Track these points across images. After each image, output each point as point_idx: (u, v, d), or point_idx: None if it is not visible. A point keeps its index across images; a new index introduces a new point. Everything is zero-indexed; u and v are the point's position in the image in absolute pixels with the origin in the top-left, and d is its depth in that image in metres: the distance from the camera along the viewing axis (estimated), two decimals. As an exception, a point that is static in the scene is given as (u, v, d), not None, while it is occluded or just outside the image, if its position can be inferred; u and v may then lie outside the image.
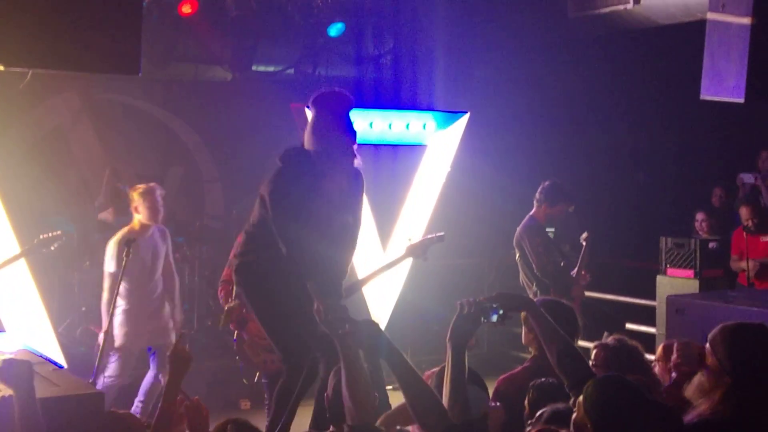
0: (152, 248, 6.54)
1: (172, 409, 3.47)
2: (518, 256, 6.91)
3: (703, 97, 5.04)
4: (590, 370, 3.29)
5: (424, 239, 6.02)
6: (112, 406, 5.53)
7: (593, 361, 4.18)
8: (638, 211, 11.11)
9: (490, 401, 3.71)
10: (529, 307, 3.43)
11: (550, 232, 7.47)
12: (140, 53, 4.82)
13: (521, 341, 4.47)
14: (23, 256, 6.51)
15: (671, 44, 9.26)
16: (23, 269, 6.91)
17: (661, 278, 7.92)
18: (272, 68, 9.58)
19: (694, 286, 7.63)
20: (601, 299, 8.36)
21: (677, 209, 10.22)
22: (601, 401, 2.75)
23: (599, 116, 10.81)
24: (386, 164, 8.67)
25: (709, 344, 3.09)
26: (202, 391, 6.54)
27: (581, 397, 2.81)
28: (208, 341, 8.70)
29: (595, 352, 4.26)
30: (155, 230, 6.60)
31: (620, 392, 2.79)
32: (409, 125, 8.50)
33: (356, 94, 9.51)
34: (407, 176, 8.79)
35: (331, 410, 3.64)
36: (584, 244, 6.95)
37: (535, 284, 6.77)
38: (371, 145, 8.29)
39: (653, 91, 10.79)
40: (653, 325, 7.65)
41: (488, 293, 8.50)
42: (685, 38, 7.75)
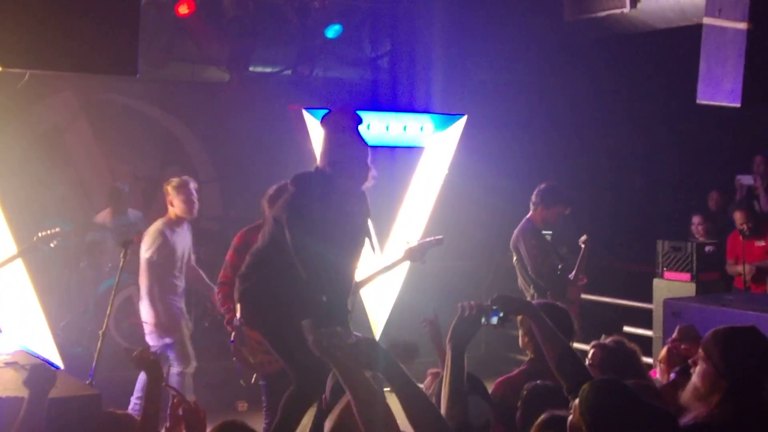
0: (186, 241, 6.62)
1: (156, 411, 3.49)
2: (515, 258, 6.91)
3: (699, 101, 5.05)
4: (589, 373, 3.30)
5: (422, 242, 6.02)
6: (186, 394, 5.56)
7: (590, 360, 4.19)
8: (635, 214, 11.13)
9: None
10: (529, 310, 3.45)
11: (548, 234, 7.47)
12: (138, 54, 4.83)
13: (519, 344, 4.48)
14: (22, 254, 6.51)
15: (668, 48, 9.28)
16: (20, 269, 6.90)
17: (658, 281, 7.93)
18: (269, 69, 9.59)
19: (690, 289, 7.63)
20: (598, 302, 8.37)
21: (674, 212, 10.23)
22: (596, 404, 2.76)
23: (596, 119, 10.82)
24: (383, 166, 8.62)
25: (702, 350, 3.09)
26: (199, 392, 6.55)
27: (577, 399, 2.81)
28: (205, 343, 8.69)
29: (592, 351, 4.27)
30: (186, 224, 6.68)
31: (616, 395, 2.79)
32: (406, 127, 8.51)
33: (353, 96, 9.62)
34: (405, 178, 8.79)
35: (328, 411, 3.64)
36: (583, 246, 6.96)
37: (532, 287, 6.77)
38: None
39: (650, 94, 10.81)
40: (650, 328, 7.66)
41: (486, 295, 8.52)
42: (682, 42, 7.76)
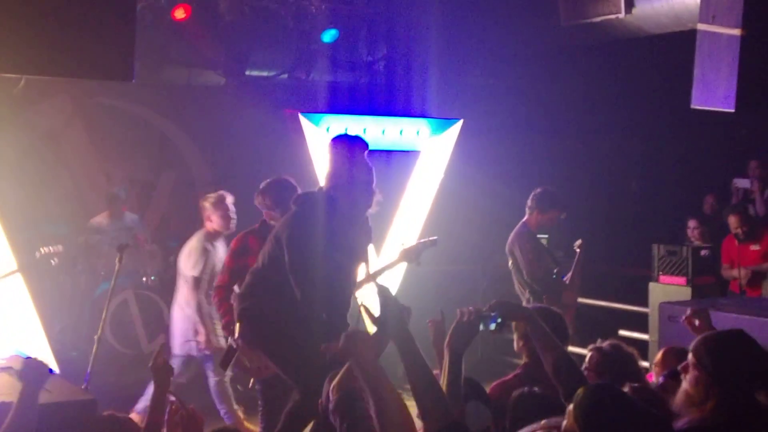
0: (222, 255, 6.68)
1: (160, 420, 3.48)
2: (510, 263, 6.92)
3: (693, 106, 5.08)
4: (585, 379, 3.31)
5: (417, 243, 6.01)
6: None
7: (587, 364, 4.20)
8: (631, 218, 11.14)
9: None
10: (527, 316, 3.47)
11: (543, 239, 7.48)
12: (133, 59, 4.83)
13: (513, 347, 4.49)
14: (22, 270, 6.53)
15: (663, 53, 9.30)
16: (15, 273, 6.88)
17: (653, 285, 7.94)
18: (266, 73, 9.59)
19: (686, 293, 7.65)
20: (594, 306, 8.37)
21: (669, 216, 10.24)
22: (590, 409, 2.76)
23: (592, 124, 10.84)
24: (379, 170, 8.61)
25: (692, 356, 3.10)
26: (195, 398, 6.54)
27: (571, 404, 2.82)
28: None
29: (589, 355, 4.27)
30: (222, 238, 6.81)
31: (610, 400, 2.79)
32: (402, 131, 8.52)
33: (349, 100, 9.63)
34: (401, 182, 8.80)
35: (324, 416, 3.65)
36: (578, 251, 6.97)
37: (527, 291, 6.78)
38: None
39: (645, 99, 10.82)
40: (646, 331, 7.67)
41: (482, 299, 8.59)
42: (677, 47, 7.79)
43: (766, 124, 9.59)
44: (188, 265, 6.72)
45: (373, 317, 3.19)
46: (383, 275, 6.28)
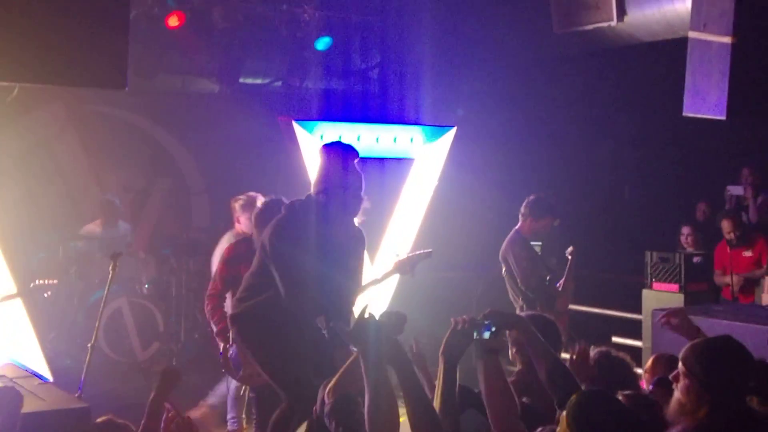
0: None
1: (156, 426, 3.48)
2: (504, 270, 6.93)
3: (685, 114, 5.10)
4: (579, 387, 3.32)
5: (411, 255, 6.00)
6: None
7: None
8: (624, 224, 11.17)
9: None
10: (521, 325, 3.48)
11: (537, 246, 7.49)
12: (127, 68, 4.83)
13: (508, 354, 4.49)
14: (18, 296, 6.53)
15: (656, 61, 9.34)
16: (7, 280, 6.87)
17: (646, 292, 7.96)
18: (259, 81, 9.60)
19: (679, 300, 7.66)
20: (587, 312, 8.39)
21: (663, 223, 10.27)
22: (582, 415, 2.77)
23: (585, 131, 10.88)
24: (373, 178, 8.64)
25: (682, 365, 3.10)
26: (189, 405, 6.53)
27: (564, 411, 2.83)
28: (194, 355, 8.68)
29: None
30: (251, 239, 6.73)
31: (602, 407, 2.81)
32: (396, 139, 8.52)
33: (343, 107, 9.65)
34: (394, 190, 8.79)
35: (318, 421, 3.66)
36: (569, 258, 6.98)
37: (521, 298, 6.78)
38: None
39: (638, 106, 10.86)
40: (639, 338, 7.68)
41: (477, 307, 8.60)
42: (669, 54, 7.82)
43: (758, 131, 9.63)
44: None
45: (344, 331, 3.21)
46: (377, 286, 6.30)
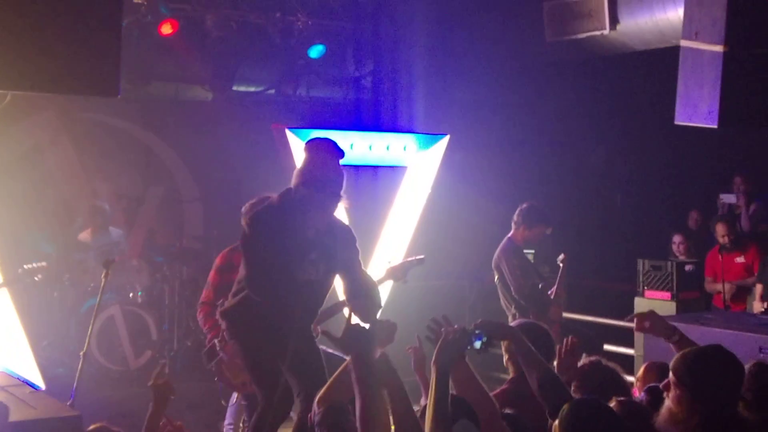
0: None
1: None
2: (497, 278, 6.93)
3: (677, 122, 5.12)
4: (570, 395, 3.32)
5: (404, 262, 6.01)
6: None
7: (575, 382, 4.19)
8: (616, 233, 11.20)
9: None
10: (512, 336, 3.49)
11: (529, 254, 7.49)
12: (119, 75, 4.81)
13: (501, 362, 4.49)
14: (5, 285, 6.48)
15: (648, 69, 9.38)
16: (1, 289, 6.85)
17: (638, 300, 7.97)
18: (253, 88, 9.61)
19: (671, 308, 7.69)
20: (579, 320, 8.39)
21: (655, 231, 10.30)
22: (574, 424, 2.78)
23: (577, 139, 10.91)
24: (366, 185, 8.68)
25: (673, 375, 3.10)
26: (181, 412, 6.51)
27: (557, 420, 2.83)
28: (187, 362, 8.66)
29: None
30: None
31: (594, 415, 2.81)
32: (389, 147, 8.53)
33: (336, 115, 9.65)
34: (387, 198, 8.80)
35: (310, 430, 3.65)
36: (561, 265, 6.98)
37: (513, 306, 6.78)
38: (351, 166, 8.30)
39: (631, 114, 10.91)
40: (632, 346, 7.69)
41: (469, 315, 8.59)
42: (662, 63, 7.85)
43: (750, 140, 9.67)
44: None
45: (334, 338, 3.21)
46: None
